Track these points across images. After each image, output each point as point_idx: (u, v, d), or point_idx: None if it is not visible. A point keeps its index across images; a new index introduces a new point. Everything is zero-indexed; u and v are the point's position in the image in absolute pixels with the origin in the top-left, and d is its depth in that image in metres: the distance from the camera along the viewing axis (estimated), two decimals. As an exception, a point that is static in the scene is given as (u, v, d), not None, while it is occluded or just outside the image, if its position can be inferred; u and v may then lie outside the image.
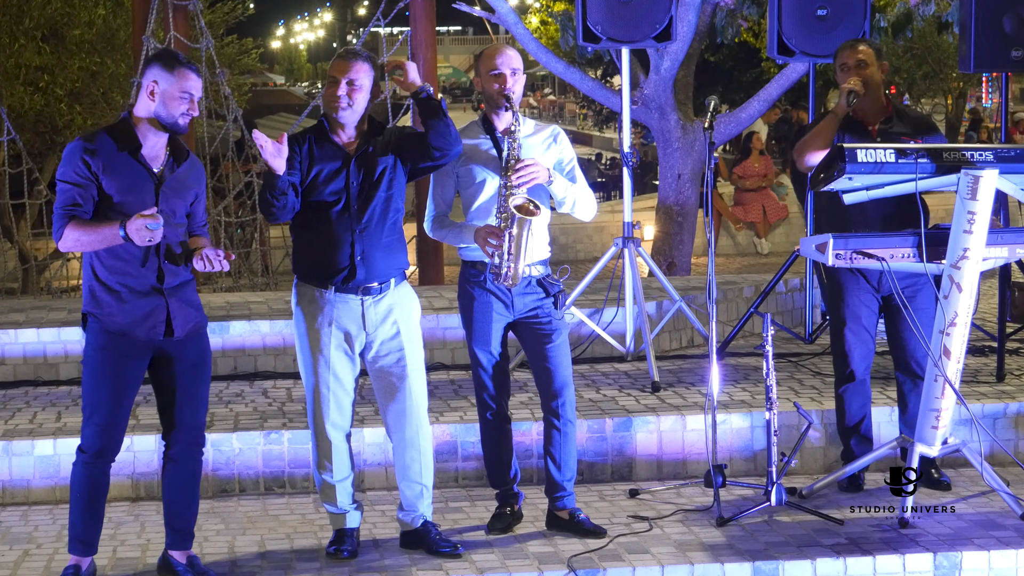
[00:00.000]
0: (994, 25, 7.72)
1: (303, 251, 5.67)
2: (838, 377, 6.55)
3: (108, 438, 5.33)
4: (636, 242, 8.03)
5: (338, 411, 5.65)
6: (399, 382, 5.67)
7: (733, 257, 17.30)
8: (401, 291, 5.69)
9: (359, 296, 5.59)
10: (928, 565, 5.66)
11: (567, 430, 5.94)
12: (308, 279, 5.64)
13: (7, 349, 7.97)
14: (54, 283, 13.44)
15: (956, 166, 5.90)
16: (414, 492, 5.76)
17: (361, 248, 5.56)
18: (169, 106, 5.21)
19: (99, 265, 5.27)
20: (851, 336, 6.41)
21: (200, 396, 5.46)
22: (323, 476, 5.70)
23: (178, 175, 5.32)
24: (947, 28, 11.57)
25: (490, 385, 5.91)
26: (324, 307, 5.59)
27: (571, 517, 5.98)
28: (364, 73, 5.52)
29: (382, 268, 5.61)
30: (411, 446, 5.71)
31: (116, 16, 15.97)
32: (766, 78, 19.63)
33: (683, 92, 11.45)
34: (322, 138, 5.60)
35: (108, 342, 5.28)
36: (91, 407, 5.32)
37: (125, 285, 5.25)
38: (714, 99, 6.31)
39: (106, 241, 5.14)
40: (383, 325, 5.63)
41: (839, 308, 6.44)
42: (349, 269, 5.56)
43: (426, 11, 11.00)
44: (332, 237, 5.55)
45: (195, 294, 5.46)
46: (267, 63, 58.62)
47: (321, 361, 5.61)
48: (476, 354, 5.89)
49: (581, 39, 8.19)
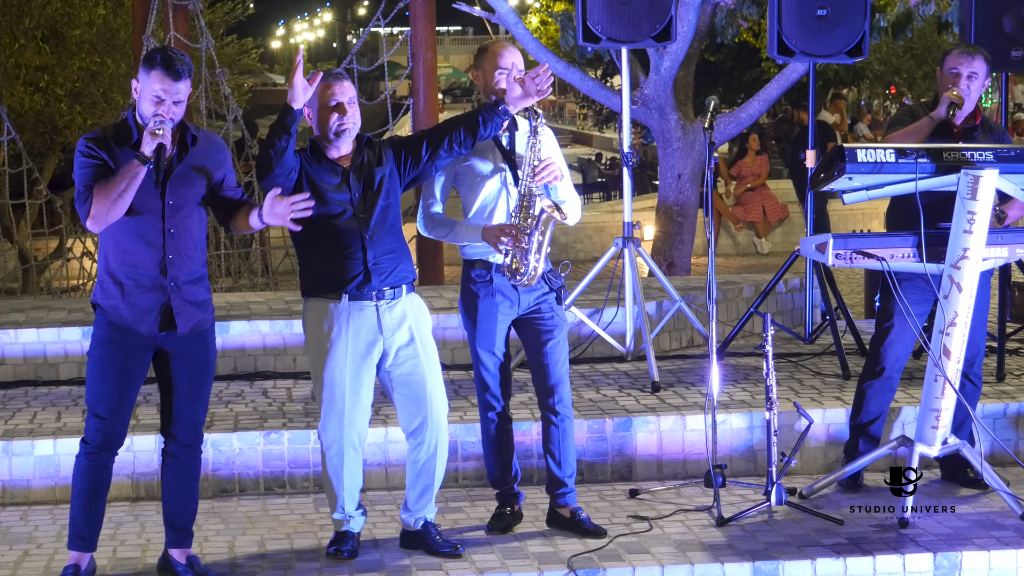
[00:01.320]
0: (994, 25, 7.73)
1: (313, 265, 5.61)
2: (866, 371, 6.53)
3: (111, 430, 5.35)
4: (636, 242, 8.03)
5: (353, 427, 5.64)
6: (420, 389, 5.65)
7: (733, 257, 17.30)
8: (413, 299, 5.70)
9: (374, 302, 5.57)
10: (928, 565, 5.66)
11: (565, 426, 5.96)
12: (320, 292, 5.59)
13: (7, 349, 7.97)
14: (54, 283, 13.43)
15: (956, 166, 5.91)
16: (422, 495, 5.76)
17: (373, 254, 5.55)
18: (143, 106, 5.20)
19: (111, 256, 5.29)
20: (894, 335, 6.39)
21: (200, 394, 5.47)
22: (334, 485, 5.70)
23: (187, 163, 5.29)
24: (947, 28, 11.57)
25: (493, 385, 5.91)
26: (338, 320, 5.55)
27: (572, 516, 5.98)
28: (352, 90, 5.55)
29: (394, 274, 5.61)
30: (428, 451, 5.70)
31: (116, 16, 15.95)
32: (766, 78, 19.62)
33: (683, 92, 11.45)
34: (317, 155, 5.58)
35: (113, 335, 5.30)
36: (95, 399, 5.34)
37: (132, 278, 5.26)
38: (714, 99, 6.31)
39: (129, 178, 5.08)
40: (399, 331, 5.62)
41: (888, 303, 6.39)
42: (364, 274, 5.54)
43: (426, 11, 10.99)
44: (342, 246, 5.53)
45: (205, 291, 5.43)
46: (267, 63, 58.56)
47: (338, 375, 5.57)
48: (480, 354, 5.88)
49: (581, 39, 8.19)
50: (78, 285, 13.47)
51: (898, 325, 6.37)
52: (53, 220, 13.12)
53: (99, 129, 5.33)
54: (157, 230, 5.24)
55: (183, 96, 5.20)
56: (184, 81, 5.18)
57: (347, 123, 5.52)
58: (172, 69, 5.15)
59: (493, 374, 5.89)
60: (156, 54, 5.21)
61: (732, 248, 17.75)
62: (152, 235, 5.24)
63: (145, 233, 5.24)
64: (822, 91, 23.44)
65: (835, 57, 8.65)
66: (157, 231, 5.24)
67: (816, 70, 9.13)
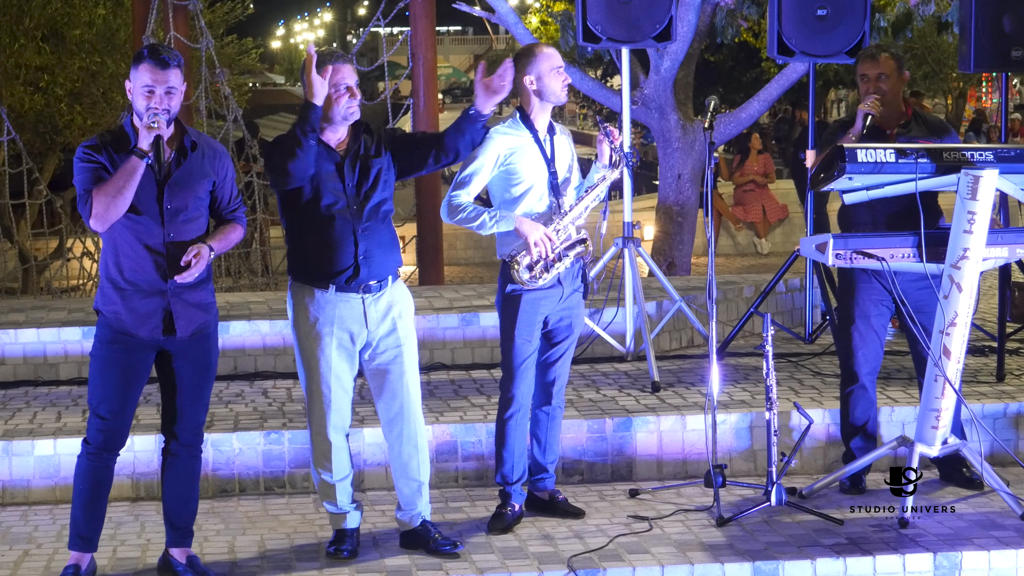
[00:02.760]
0: (994, 25, 7.72)
1: (302, 252, 5.60)
2: (843, 380, 6.54)
3: (113, 431, 5.36)
4: (636, 242, 8.03)
5: (338, 412, 5.64)
6: (397, 380, 5.66)
7: (733, 257, 17.29)
8: (397, 287, 5.69)
9: (360, 295, 5.57)
10: (928, 565, 5.66)
11: (555, 414, 6.10)
12: (307, 280, 5.59)
13: (7, 349, 7.97)
14: (54, 283, 13.43)
15: (956, 166, 5.90)
16: (412, 489, 5.75)
17: (364, 247, 5.54)
18: (137, 103, 5.18)
19: (111, 262, 5.28)
20: (857, 338, 6.40)
21: (200, 395, 5.47)
22: (323, 476, 5.70)
23: (186, 167, 5.28)
24: (947, 28, 11.58)
25: (525, 382, 5.95)
26: (324, 308, 5.56)
27: (551, 498, 6.13)
28: (355, 74, 5.54)
29: (382, 266, 5.60)
30: (409, 443, 5.71)
31: (116, 16, 15.96)
32: (766, 78, 19.64)
33: (683, 92, 11.45)
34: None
35: (115, 337, 5.31)
36: (97, 400, 5.34)
37: (132, 283, 5.26)
38: (714, 99, 6.32)
39: (127, 173, 5.07)
40: (383, 322, 5.63)
41: (846, 307, 6.42)
42: (353, 268, 5.53)
43: (426, 11, 11.00)
44: (334, 237, 5.52)
45: (207, 293, 5.42)
46: (267, 63, 58.54)
47: (322, 362, 5.59)
48: (517, 351, 5.89)
49: (581, 39, 8.19)
50: (78, 285, 13.47)
51: (860, 326, 6.38)
52: (53, 220, 13.12)
53: (97, 136, 5.32)
54: (157, 235, 5.23)
55: (174, 84, 5.15)
56: (172, 70, 5.14)
57: (354, 106, 5.50)
58: (159, 59, 5.13)
59: (530, 369, 5.93)
60: (143, 49, 5.21)
61: (732, 248, 17.75)
62: (151, 240, 5.23)
63: (144, 238, 5.22)
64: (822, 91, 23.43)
65: (835, 57, 8.65)
66: (157, 236, 5.23)
67: (816, 70, 9.13)
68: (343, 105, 5.46)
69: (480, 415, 6.91)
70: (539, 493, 6.15)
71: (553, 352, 6.02)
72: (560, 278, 5.90)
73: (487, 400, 7.24)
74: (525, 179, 5.86)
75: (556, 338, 6.02)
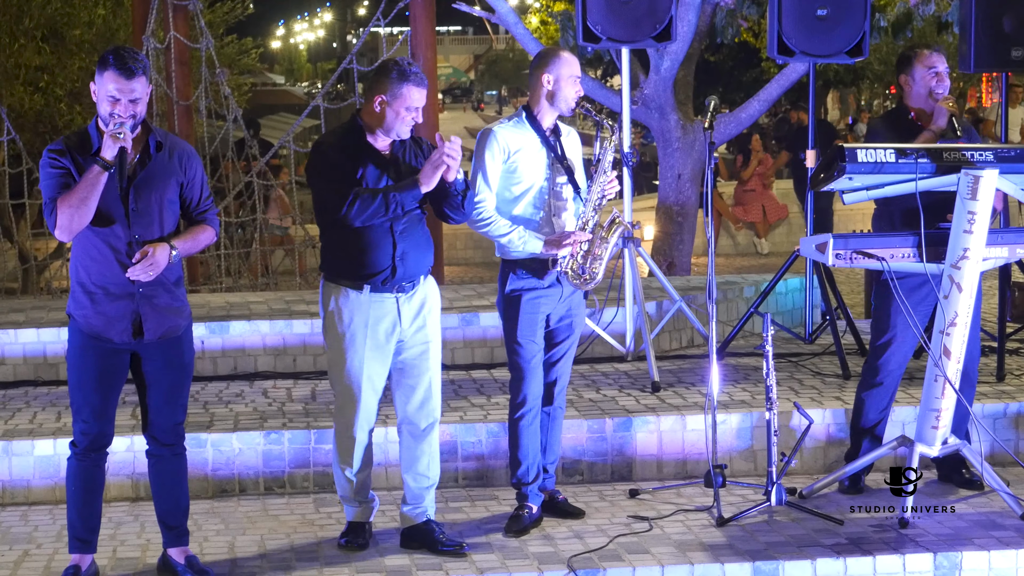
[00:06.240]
0: (994, 25, 7.73)
1: (339, 251, 5.58)
2: (864, 382, 6.48)
3: (98, 432, 5.34)
4: (636, 242, 8.03)
5: (366, 412, 5.66)
6: (422, 375, 5.68)
7: (733, 257, 17.29)
8: (429, 283, 5.72)
9: (394, 294, 5.58)
10: (928, 565, 5.66)
11: (556, 415, 6.11)
12: (341, 279, 5.58)
13: (7, 349, 7.97)
14: (54, 283, 13.42)
15: (956, 166, 5.90)
16: (420, 485, 5.76)
17: (402, 248, 5.55)
18: (101, 107, 5.13)
19: (81, 267, 5.25)
20: (895, 346, 6.34)
21: (177, 396, 5.42)
22: (345, 472, 5.71)
23: (151, 168, 5.22)
24: (947, 28, 11.57)
25: (535, 382, 5.94)
26: (359, 308, 5.55)
27: (551, 498, 6.12)
28: (424, 97, 5.54)
29: (417, 266, 5.62)
30: (424, 439, 5.73)
31: (116, 16, 15.95)
32: (766, 78, 19.63)
33: (683, 92, 11.45)
34: (361, 142, 5.55)
35: (87, 341, 5.28)
36: (78, 404, 5.34)
37: (102, 287, 5.22)
38: (714, 99, 6.32)
39: (90, 184, 5.02)
40: (416, 320, 5.64)
41: (886, 312, 6.32)
42: (390, 269, 5.54)
43: (426, 11, 10.99)
44: (373, 238, 5.51)
45: (178, 297, 5.36)
46: (267, 63, 58.53)
47: (355, 363, 5.59)
48: (523, 351, 5.90)
49: (581, 39, 8.19)
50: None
51: (899, 335, 6.33)
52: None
53: (61, 139, 5.26)
54: (122, 236, 5.18)
55: (139, 94, 5.09)
56: (138, 79, 5.08)
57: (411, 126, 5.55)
58: (125, 67, 5.06)
59: (536, 369, 5.92)
60: (108, 55, 5.11)
61: (732, 248, 17.75)
62: (117, 241, 5.18)
63: (110, 239, 5.18)
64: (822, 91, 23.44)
65: (835, 57, 8.66)
66: (122, 237, 5.18)
67: (816, 70, 9.14)
68: (406, 126, 5.51)
69: (480, 415, 6.91)
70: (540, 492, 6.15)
71: (554, 352, 6.02)
72: (559, 277, 5.90)
73: (487, 400, 7.24)
74: (524, 179, 5.86)
75: (557, 338, 6.02)
